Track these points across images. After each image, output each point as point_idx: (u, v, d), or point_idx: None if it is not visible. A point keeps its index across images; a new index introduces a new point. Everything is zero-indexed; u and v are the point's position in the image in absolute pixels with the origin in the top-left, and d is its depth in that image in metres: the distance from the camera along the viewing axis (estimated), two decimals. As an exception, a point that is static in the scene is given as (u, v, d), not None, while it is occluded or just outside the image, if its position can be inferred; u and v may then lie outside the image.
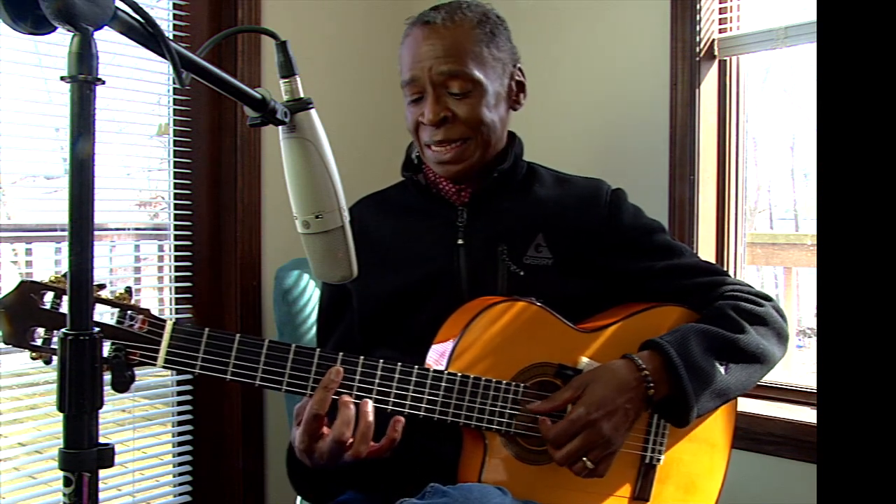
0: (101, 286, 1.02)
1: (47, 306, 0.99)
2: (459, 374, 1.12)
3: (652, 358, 1.15)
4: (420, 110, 1.27)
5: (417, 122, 1.28)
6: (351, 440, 1.04)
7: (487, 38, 1.27)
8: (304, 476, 1.21)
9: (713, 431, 1.29)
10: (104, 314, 1.02)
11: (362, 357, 1.09)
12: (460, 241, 1.29)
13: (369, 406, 1.06)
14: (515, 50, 1.34)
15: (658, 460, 1.24)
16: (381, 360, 1.10)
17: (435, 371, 1.12)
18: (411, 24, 1.30)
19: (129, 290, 1.04)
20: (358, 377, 1.09)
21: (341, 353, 1.09)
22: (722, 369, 1.17)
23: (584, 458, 1.10)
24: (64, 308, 0.97)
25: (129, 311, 1.02)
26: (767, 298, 1.29)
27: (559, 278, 1.27)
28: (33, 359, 0.99)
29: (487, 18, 1.28)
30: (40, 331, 0.99)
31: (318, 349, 1.08)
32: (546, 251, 1.28)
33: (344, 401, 1.06)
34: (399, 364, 1.10)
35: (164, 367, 1.03)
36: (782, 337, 1.26)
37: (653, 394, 1.14)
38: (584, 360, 1.18)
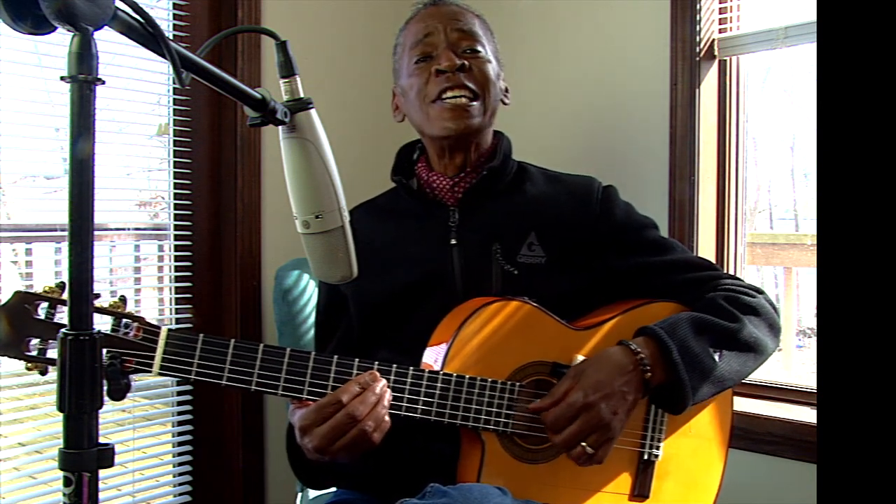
0: (97, 295, 1.01)
1: (42, 316, 0.98)
2: (455, 375, 1.12)
3: (647, 343, 1.16)
4: (429, 67, 1.30)
5: (425, 80, 1.30)
6: (359, 424, 1.03)
7: (488, 32, 1.38)
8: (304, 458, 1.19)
9: (710, 427, 1.29)
10: (101, 317, 1.01)
11: (357, 359, 1.09)
12: (453, 242, 1.29)
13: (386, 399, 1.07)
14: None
15: (656, 456, 1.24)
16: (377, 363, 1.10)
17: (430, 372, 1.12)
18: (418, 8, 1.37)
19: (123, 299, 1.03)
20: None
21: (336, 357, 1.09)
22: (716, 356, 1.18)
23: (584, 444, 1.10)
24: (58, 318, 0.97)
25: (123, 319, 1.02)
26: (759, 291, 1.29)
27: (553, 276, 1.27)
28: (28, 370, 0.98)
29: (486, 21, 1.39)
30: (35, 341, 0.98)
31: (314, 353, 1.08)
32: (539, 249, 1.28)
33: (373, 387, 1.06)
34: (394, 365, 1.11)
35: (159, 374, 1.02)
36: (775, 328, 1.27)
37: (650, 377, 1.14)
38: (580, 357, 1.18)
